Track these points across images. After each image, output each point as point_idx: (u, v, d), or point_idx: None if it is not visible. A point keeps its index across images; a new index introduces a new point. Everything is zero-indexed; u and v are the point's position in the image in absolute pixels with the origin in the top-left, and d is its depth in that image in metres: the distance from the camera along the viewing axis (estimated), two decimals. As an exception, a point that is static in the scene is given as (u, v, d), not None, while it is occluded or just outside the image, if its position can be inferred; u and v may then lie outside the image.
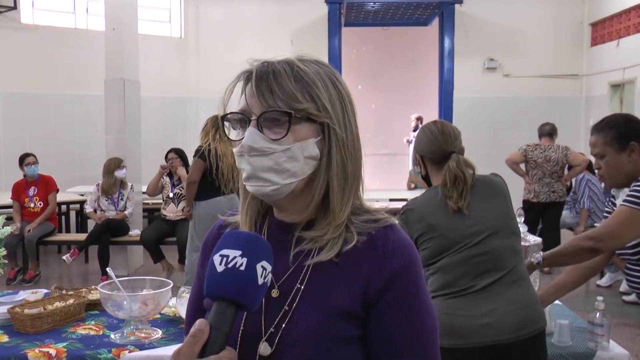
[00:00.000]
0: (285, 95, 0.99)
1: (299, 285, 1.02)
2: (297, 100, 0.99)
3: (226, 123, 1.05)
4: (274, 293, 1.03)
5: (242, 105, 1.02)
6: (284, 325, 1.01)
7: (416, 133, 12.05)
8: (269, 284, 0.93)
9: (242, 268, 0.88)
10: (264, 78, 1.00)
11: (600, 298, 2.58)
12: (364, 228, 1.04)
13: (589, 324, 2.54)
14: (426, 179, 2.42)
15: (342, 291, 1.01)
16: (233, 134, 1.05)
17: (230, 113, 1.04)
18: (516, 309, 2.17)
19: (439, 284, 2.22)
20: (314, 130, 1.02)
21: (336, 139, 1.02)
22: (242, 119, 1.03)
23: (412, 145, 11.36)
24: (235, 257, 0.89)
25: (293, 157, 1.00)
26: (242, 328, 1.03)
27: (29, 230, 6.58)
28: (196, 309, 1.14)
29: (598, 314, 2.51)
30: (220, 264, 0.89)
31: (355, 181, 1.06)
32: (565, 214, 7.15)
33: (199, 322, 0.85)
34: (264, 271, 0.90)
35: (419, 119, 11.28)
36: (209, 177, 5.31)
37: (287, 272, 1.04)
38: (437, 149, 2.34)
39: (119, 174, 6.70)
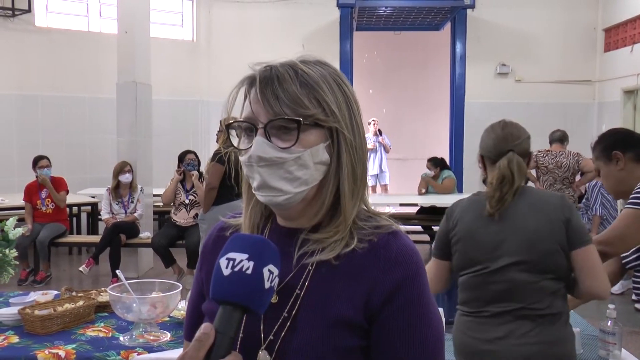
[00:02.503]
0: (292, 101, 0.96)
1: (299, 292, 1.00)
2: (303, 106, 0.96)
3: (231, 131, 1.02)
4: (273, 299, 1.01)
5: (247, 113, 0.99)
6: (283, 333, 0.99)
7: (380, 138, 12.04)
8: (275, 288, 0.91)
9: (249, 272, 0.87)
10: (269, 83, 0.97)
11: (612, 306, 2.56)
12: (366, 233, 1.01)
13: (601, 332, 2.52)
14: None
15: (344, 301, 0.98)
16: (237, 142, 1.02)
17: (236, 121, 1.01)
18: (527, 343, 2.05)
19: (459, 299, 2.19)
20: (323, 135, 0.99)
21: (345, 142, 1.00)
22: (249, 127, 0.99)
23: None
24: (241, 261, 0.87)
25: (304, 165, 0.97)
26: (241, 335, 1.01)
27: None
28: (195, 313, 1.13)
29: (610, 321, 2.49)
30: (227, 267, 0.87)
31: (362, 184, 1.04)
32: (577, 221, 7.08)
33: (204, 326, 0.84)
34: (271, 275, 0.88)
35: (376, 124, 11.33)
36: (227, 181, 5.26)
37: (286, 277, 1.02)
38: (493, 147, 2.21)
39: (123, 178, 6.74)
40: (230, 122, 1.02)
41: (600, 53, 10.39)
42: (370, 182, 11.40)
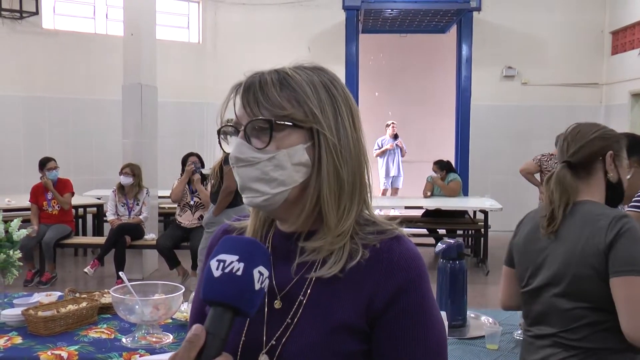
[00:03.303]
0: (270, 104, 0.98)
1: (302, 298, 1.01)
2: (281, 108, 0.98)
3: (222, 136, 1.06)
4: (277, 304, 1.02)
5: (234, 118, 1.03)
6: (284, 338, 0.99)
7: (398, 140, 12.24)
8: (266, 290, 0.92)
9: (239, 273, 0.88)
10: (251, 89, 1.00)
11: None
12: (369, 240, 1.01)
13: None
14: None
15: (346, 305, 0.98)
16: (227, 147, 1.05)
17: (224, 126, 1.04)
18: None
19: None
20: (302, 136, 1.00)
21: (327, 144, 1.00)
22: (235, 131, 1.03)
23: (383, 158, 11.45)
24: (232, 262, 0.88)
25: (279, 166, 0.99)
26: (243, 339, 1.02)
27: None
28: (199, 315, 1.14)
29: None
30: (217, 268, 0.88)
31: (357, 189, 1.03)
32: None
33: (195, 327, 0.85)
34: (261, 276, 0.89)
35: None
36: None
37: (290, 282, 1.02)
38: (559, 159, 1.99)
39: (121, 178, 6.78)
40: (220, 127, 1.05)
41: (608, 56, 10.35)
42: (384, 184, 11.45)
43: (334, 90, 1.03)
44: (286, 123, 0.98)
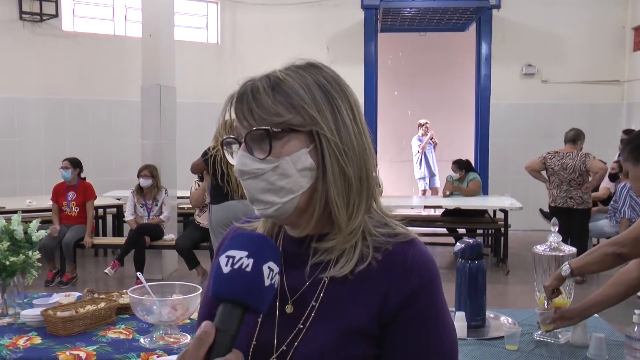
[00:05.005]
0: (265, 112, 0.96)
1: (314, 303, 1.00)
2: (277, 115, 0.96)
3: (226, 147, 1.04)
4: (288, 309, 1.01)
5: (235, 129, 1.02)
6: (296, 343, 0.98)
7: (431, 135, 12.24)
8: (277, 286, 0.91)
9: (248, 269, 0.87)
10: (243, 99, 0.98)
11: (638, 311, 2.49)
12: (381, 243, 1.00)
13: (627, 338, 2.45)
14: None
15: (358, 309, 0.97)
16: (231, 159, 1.04)
17: (226, 138, 1.03)
18: None
19: None
20: (303, 140, 0.98)
21: (328, 144, 0.97)
22: (237, 142, 1.01)
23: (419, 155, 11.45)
24: (241, 258, 0.87)
25: (284, 174, 0.97)
26: (254, 342, 1.01)
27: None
28: (208, 314, 1.13)
29: (636, 327, 2.42)
30: (226, 265, 0.88)
31: (364, 184, 1.01)
32: (605, 223, 6.99)
33: (204, 325, 0.84)
34: (271, 272, 0.88)
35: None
36: (219, 181, 5.34)
37: (302, 287, 1.01)
38: None
39: (140, 181, 6.81)
40: (222, 139, 1.05)
41: (630, 52, 10.21)
42: (424, 185, 11.45)
43: (329, 88, 1.00)
44: (284, 130, 0.96)
